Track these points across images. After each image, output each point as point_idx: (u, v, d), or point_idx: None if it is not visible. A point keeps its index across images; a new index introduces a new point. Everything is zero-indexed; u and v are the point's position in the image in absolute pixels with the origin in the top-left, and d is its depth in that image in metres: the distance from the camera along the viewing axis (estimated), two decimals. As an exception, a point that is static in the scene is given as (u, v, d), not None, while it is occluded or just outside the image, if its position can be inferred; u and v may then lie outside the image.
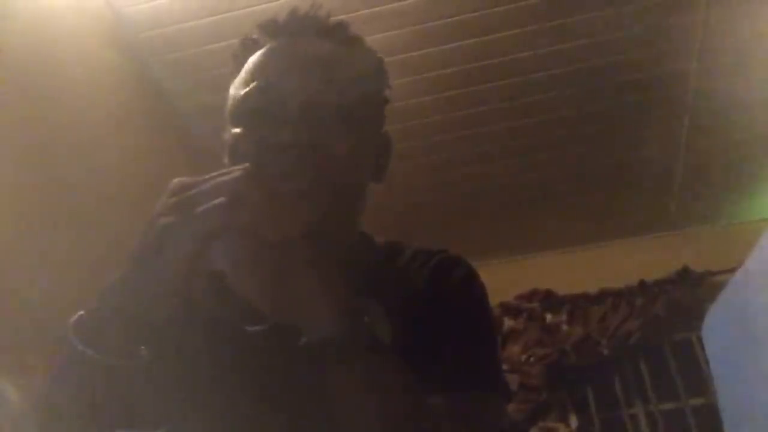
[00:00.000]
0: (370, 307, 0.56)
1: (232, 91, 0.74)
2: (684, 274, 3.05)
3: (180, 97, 2.27)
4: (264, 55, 0.73)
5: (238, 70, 0.74)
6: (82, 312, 0.56)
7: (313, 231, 0.53)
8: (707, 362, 1.99)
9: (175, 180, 0.54)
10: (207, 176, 0.53)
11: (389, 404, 0.55)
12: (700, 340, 2.18)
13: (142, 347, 0.55)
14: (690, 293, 2.98)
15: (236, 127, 0.70)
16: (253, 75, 0.71)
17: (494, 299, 0.79)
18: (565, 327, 3.05)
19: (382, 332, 0.56)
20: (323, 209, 0.63)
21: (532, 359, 2.95)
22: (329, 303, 0.53)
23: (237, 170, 0.52)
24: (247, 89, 0.70)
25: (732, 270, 1.81)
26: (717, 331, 1.85)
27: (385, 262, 0.78)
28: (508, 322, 3.07)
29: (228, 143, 0.71)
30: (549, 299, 3.13)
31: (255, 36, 0.75)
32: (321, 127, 0.67)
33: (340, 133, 0.68)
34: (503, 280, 2.64)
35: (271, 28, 0.75)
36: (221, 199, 0.50)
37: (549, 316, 3.10)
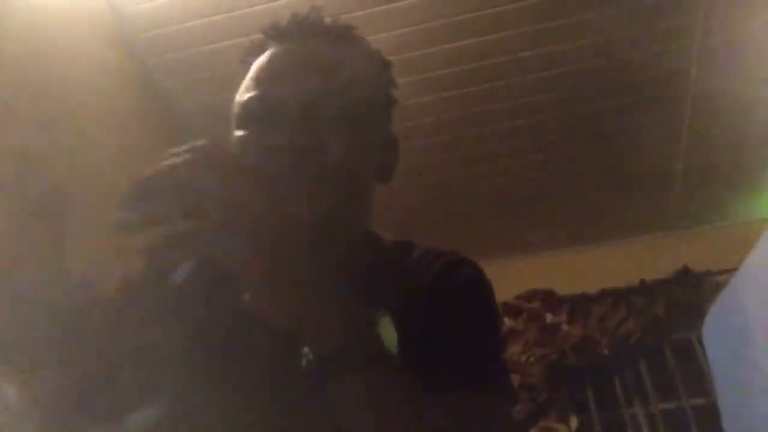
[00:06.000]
0: (379, 317, 0.56)
1: (237, 96, 0.76)
2: (684, 274, 3.04)
3: (180, 97, 2.27)
4: (265, 60, 0.75)
5: (246, 75, 0.76)
6: None
7: (317, 231, 0.52)
8: (707, 362, 1.99)
9: None
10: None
11: (392, 419, 0.55)
12: (700, 340, 2.18)
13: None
14: (690, 293, 2.97)
15: (238, 130, 0.72)
16: (254, 81, 0.73)
17: (494, 299, 0.79)
18: (565, 327, 3.04)
19: (390, 342, 0.55)
20: (324, 209, 0.63)
21: (532, 359, 2.95)
22: (339, 313, 0.52)
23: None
24: (249, 95, 0.72)
25: (732, 270, 1.81)
26: (717, 331, 1.85)
27: (392, 261, 0.77)
28: (508, 322, 3.06)
29: (231, 147, 0.72)
30: (549, 299, 3.13)
31: (259, 40, 0.77)
32: (319, 129, 0.68)
33: (339, 134, 0.69)
34: (503, 280, 2.63)
35: (274, 32, 0.76)
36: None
37: (549, 316, 3.09)
